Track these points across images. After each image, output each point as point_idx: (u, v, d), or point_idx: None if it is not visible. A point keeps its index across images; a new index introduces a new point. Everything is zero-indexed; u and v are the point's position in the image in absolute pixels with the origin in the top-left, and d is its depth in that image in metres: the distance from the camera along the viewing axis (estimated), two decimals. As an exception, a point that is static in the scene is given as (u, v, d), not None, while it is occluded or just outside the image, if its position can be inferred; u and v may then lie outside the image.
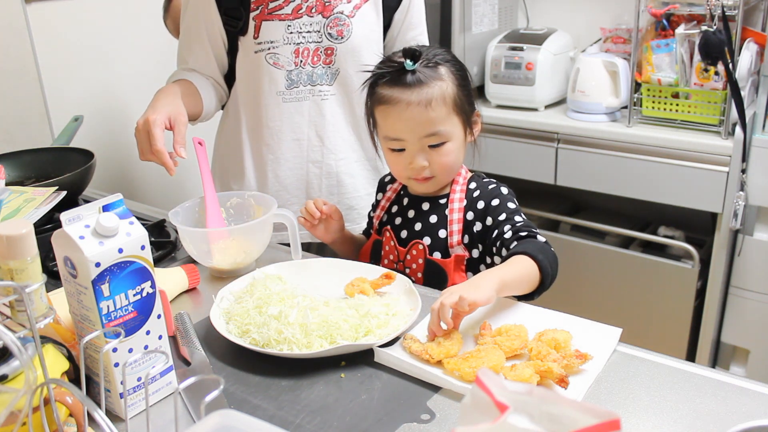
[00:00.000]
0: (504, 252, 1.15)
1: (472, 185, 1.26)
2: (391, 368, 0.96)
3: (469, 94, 1.22)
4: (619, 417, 0.51)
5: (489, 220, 1.20)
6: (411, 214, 1.29)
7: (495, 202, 1.21)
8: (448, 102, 1.17)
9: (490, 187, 1.24)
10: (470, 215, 1.23)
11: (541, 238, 1.14)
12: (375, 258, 1.34)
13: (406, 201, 1.31)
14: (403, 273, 1.26)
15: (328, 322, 1.00)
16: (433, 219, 1.25)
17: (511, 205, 1.21)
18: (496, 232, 1.18)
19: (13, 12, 1.87)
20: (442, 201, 1.26)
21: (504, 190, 1.23)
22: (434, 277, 1.24)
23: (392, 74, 1.18)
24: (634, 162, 2.25)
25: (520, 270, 1.06)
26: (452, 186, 1.26)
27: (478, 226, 1.22)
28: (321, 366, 0.97)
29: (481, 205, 1.22)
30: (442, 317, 0.97)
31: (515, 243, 1.13)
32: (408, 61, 1.16)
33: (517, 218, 1.18)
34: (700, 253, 2.27)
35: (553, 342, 0.95)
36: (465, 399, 0.58)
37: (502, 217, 1.19)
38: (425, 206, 1.27)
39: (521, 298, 1.12)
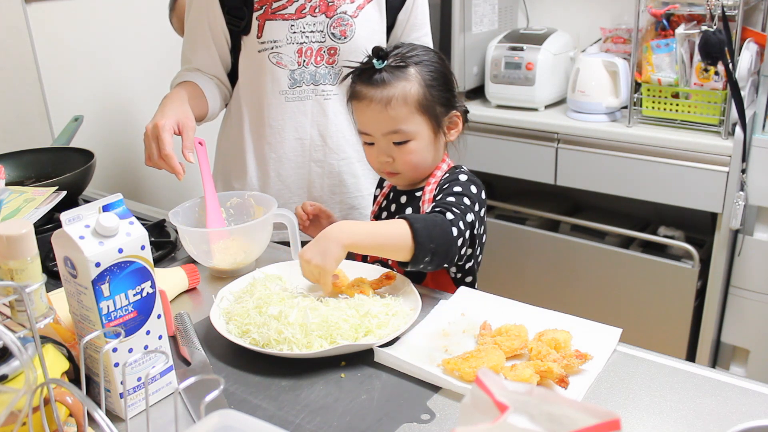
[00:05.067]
0: None
1: (446, 176, 1.25)
2: (391, 368, 0.96)
3: (445, 96, 1.22)
4: (619, 417, 0.51)
5: None
6: (393, 208, 1.31)
7: (446, 186, 1.20)
8: (410, 102, 1.18)
9: (455, 174, 1.23)
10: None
11: (448, 216, 1.10)
12: None
13: (392, 195, 1.33)
14: (388, 266, 1.26)
15: (328, 322, 1.00)
16: (409, 211, 1.27)
17: (456, 188, 1.18)
18: None
19: (13, 12, 1.87)
20: (418, 194, 1.27)
21: (462, 177, 1.21)
22: (415, 271, 1.23)
23: (363, 71, 1.21)
24: (634, 162, 2.25)
25: (384, 232, 1.07)
26: (428, 179, 1.27)
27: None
28: (321, 366, 0.97)
29: (438, 191, 1.22)
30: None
31: None
32: (375, 59, 1.19)
33: (449, 198, 1.16)
34: (700, 253, 2.27)
35: (553, 342, 0.95)
36: (465, 399, 0.58)
37: (440, 197, 1.18)
38: (403, 199, 1.29)
39: (403, 264, 1.11)
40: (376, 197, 1.39)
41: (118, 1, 2.13)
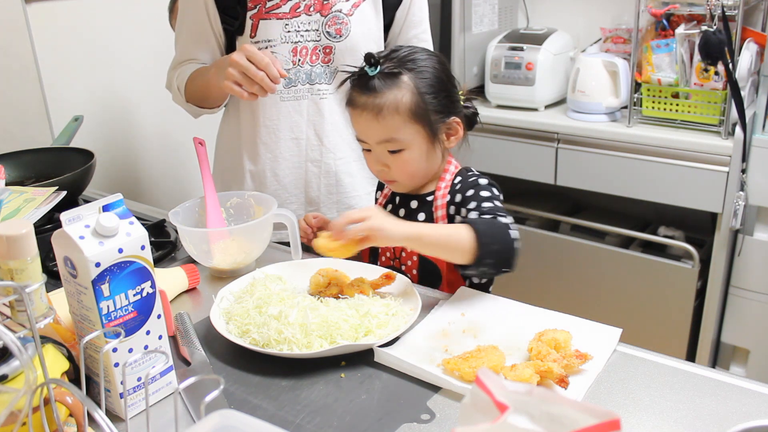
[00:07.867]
0: None
1: (457, 179, 1.24)
2: (391, 368, 0.96)
3: (443, 103, 1.18)
4: (619, 417, 0.51)
5: (463, 212, 1.19)
6: (402, 212, 1.29)
7: (470, 192, 1.19)
8: (401, 111, 1.15)
9: (470, 179, 1.22)
10: (452, 209, 1.22)
11: (504, 220, 1.11)
12: (375, 254, 1.34)
13: (398, 199, 1.31)
14: (400, 270, 1.26)
15: (328, 322, 1.00)
16: (422, 217, 1.25)
17: (485, 193, 1.18)
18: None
19: (13, 12, 1.87)
20: (429, 198, 1.26)
21: (483, 181, 1.21)
22: (429, 275, 1.24)
23: (357, 77, 1.18)
24: (634, 162, 2.25)
25: (447, 233, 1.08)
26: (438, 183, 1.25)
27: (458, 220, 1.21)
28: (321, 366, 0.97)
29: (458, 198, 1.21)
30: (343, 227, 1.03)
31: None
32: (367, 67, 1.16)
33: (487, 204, 1.16)
34: (700, 253, 2.27)
35: (553, 342, 0.95)
36: (465, 399, 0.58)
37: (473, 205, 1.17)
38: (413, 204, 1.27)
39: (463, 268, 1.12)
40: (376, 199, 1.38)
41: (118, 1, 2.13)
